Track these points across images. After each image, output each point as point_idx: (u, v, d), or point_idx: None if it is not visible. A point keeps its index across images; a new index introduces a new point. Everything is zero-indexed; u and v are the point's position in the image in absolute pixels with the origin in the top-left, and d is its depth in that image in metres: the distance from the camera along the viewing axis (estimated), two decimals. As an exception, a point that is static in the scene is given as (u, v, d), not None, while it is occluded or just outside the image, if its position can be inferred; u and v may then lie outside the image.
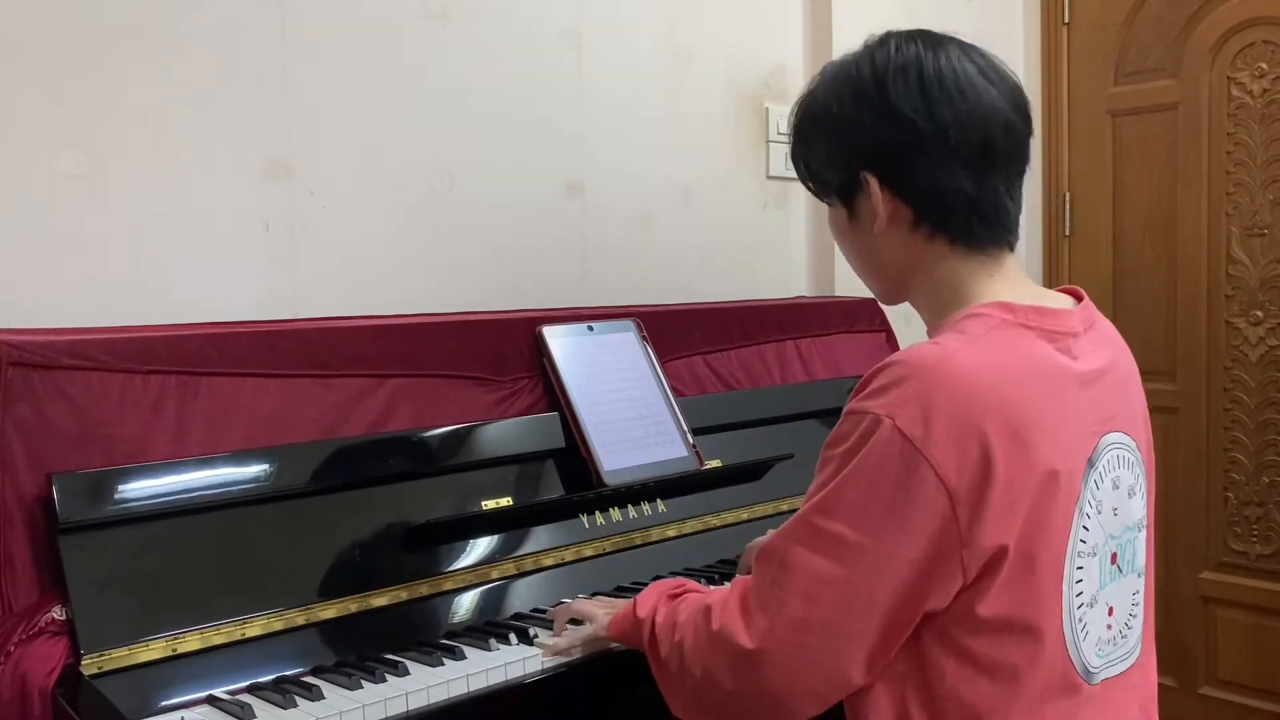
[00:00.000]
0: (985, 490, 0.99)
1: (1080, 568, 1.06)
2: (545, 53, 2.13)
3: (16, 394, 1.32)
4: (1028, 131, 1.15)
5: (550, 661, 1.36)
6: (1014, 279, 1.15)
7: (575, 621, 1.41)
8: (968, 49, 1.14)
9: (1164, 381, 2.93)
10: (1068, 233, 3.10)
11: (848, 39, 2.57)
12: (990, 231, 1.13)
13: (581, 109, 2.19)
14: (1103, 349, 1.14)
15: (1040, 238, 3.15)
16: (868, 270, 1.22)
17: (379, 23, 1.90)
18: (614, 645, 1.35)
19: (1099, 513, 1.08)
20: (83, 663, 1.23)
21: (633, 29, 2.28)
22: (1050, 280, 3.13)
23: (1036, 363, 1.06)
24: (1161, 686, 2.88)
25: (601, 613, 1.36)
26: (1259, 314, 2.76)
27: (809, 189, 1.23)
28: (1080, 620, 1.07)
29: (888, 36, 1.15)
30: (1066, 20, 3.07)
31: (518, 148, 2.09)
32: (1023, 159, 1.15)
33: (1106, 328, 1.20)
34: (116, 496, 1.33)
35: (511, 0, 2.07)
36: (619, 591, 1.61)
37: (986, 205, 1.11)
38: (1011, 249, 1.16)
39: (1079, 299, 1.18)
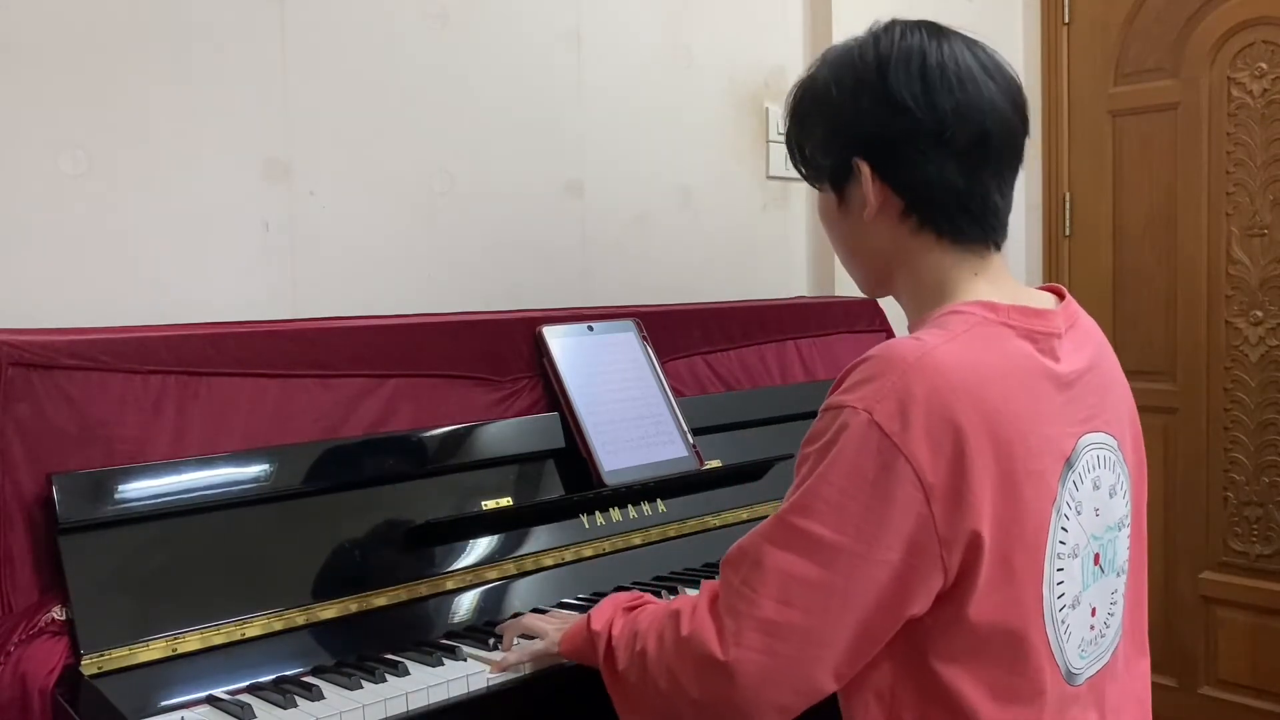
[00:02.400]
0: (960, 486, 0.98)
1: (1061, 569, 1.05)
2: (545, 53, 2.13)
3: (16, 394, 1.32)
4: (1024, 131, 1.14)
5: (549, 662, 1.36)
6: (998, 278, 1.14)
7: (526, 637, 1.37)
8: (971, 43, 1.12)
9: (1164, 381, 2.93)
10: (1068, 233, 3.10)
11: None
12: (978, 229, 1.12)
13: (581, 109, 2.19)
14: (1084, 349, 1.13)
15: (1040, 238, 3.15)
16: (854, 259, 1.21)
17: (379, 23, 1.90)
18: (565, 662, 1.31)
19: (1079, 514, 1.07)
20: (83, 663, 1.23)
21: (633, 29, 2.28)
22: (1050, 280, 3.13)
23: (1017, 362, 1.05)
24: (1161, 686, 2.90)
25: (552, 628, 1.33)
26: (1259, 314, 2.76)
27: (801, 174, 1.21)
28: (1063, 623, 1.06)
29: (893, 24, 1.13)
30: (1066, 20, 3.07)
31: (518, 148, 2.09)
32: (1016, 157, 1.14)
33: (1088, 325, 1.18)
34: (116, 496, 1.33)
35: (511, 1, 2.07)
36: (619, 591, 1.61)
37: (976, 202, 1.10)
38: (998, 248, 1.14)
39: (1061, 297, 1.18)
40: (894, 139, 1.09)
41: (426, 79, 1.96)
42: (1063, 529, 1.05)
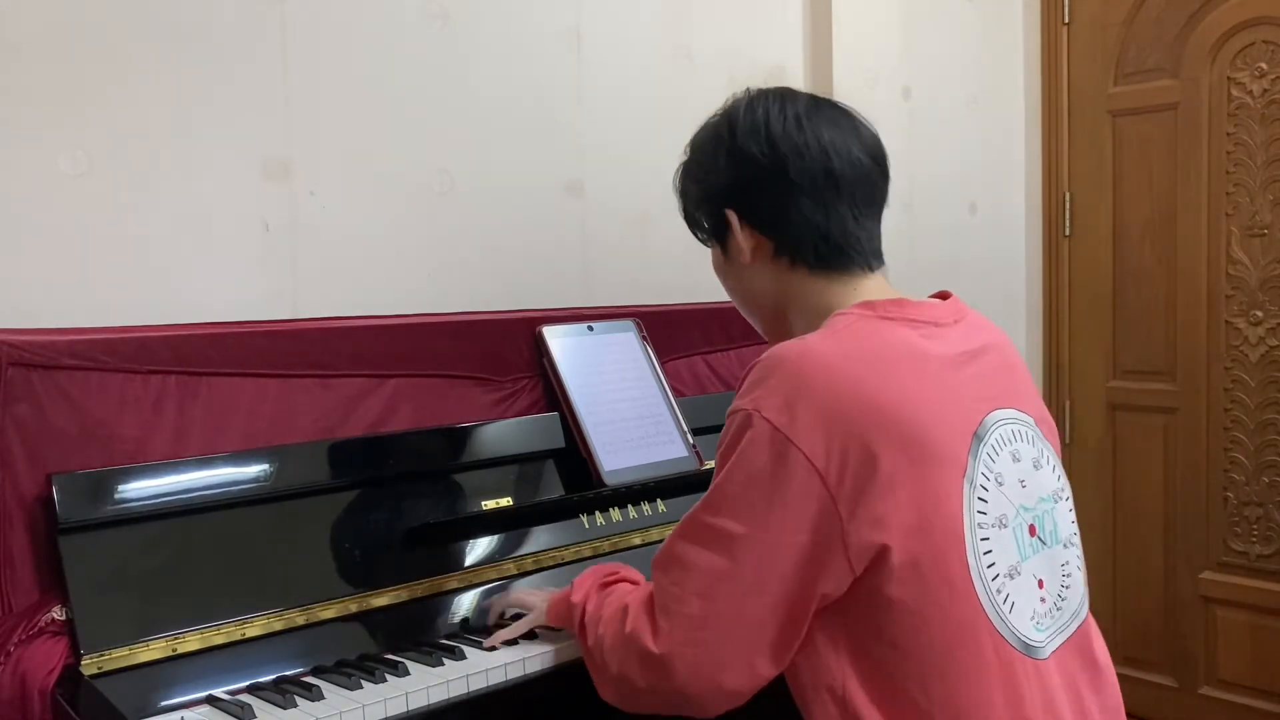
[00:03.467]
0: (854, 468, 1.04)
1: (986, 539, 1.09)
2: (545, 53, 2.13)
3: (16, 394, 1.32)
4: (879, 173, 1.24)
5: (551, 661, 1.36)
6: (879, 290, 1.23)
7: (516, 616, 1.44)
8: (823, 101, 1.25)
9: (1164, 381, 2.93)
10: (1068, 233, 3.10)
11: (848, 39, 2.59)
12: (843, 257, 1.22)
13: (581, 109, 2.19)
14: (975, 336, 1.20)
15: (1040, 238, 3.15)
16: (748, 306, 1.32)
17: (379, 23, 1.90)
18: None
19: (999, 484, 1.12)
20: (83, 663, 1.23)
21: (633, 29, 2.28)
22: (1050, 281, 3.14)
23: (897, 346, 1.12)
24: (1161, 686, 2.92)
25: (539, 600, 1.41)
26: (1259, 314, 2.76)
27: (696, 237, 1.35)
28: (1000, 592, 1.09)
29: (747, 91, 1.28)
30: (1066, 20, 3.07)
31: (518, 148, 2.09)
32: (872, 191, 1.24)
33: (979, 319, 1.25)
34: (116, 496, 1.33)
35: (511, 0, 2.07)
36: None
37: (834, 233, 1.21)
38: (873, 270, 1.24)
39: (946, 298, 1.25)
40: (749, 186, 1.23)
41: (426, 79, 1.96)
42: (980, 499, 1.10)
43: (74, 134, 1.59)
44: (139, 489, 1.35)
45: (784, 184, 1.20)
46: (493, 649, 1.38)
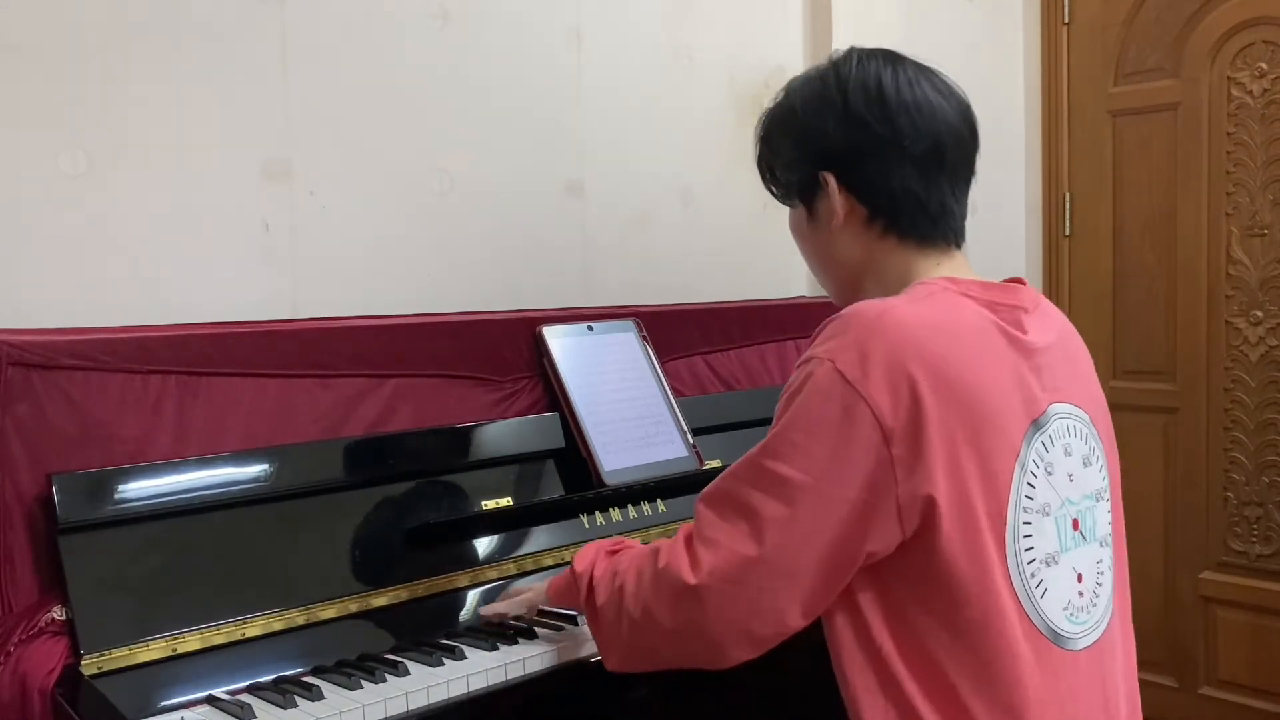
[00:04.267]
0: (917, 429, 1.05)
1: (1028, 523, 1.10)
2: (545, 53, 2.13)
3: (16, 394, 1.32)
4: (974, 145, 1.25)
5: (551, 661, 1.36)
6: (960, 268, 1.23)
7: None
8: (923, 68, 1.24)
9: (1164, 381, 2.93)
10: (1068, 233, 3.10)
11: (848, 39, 2.57)
12: (936, 229, 1.22)
13: (581, 109, 2.19)
14: (1049, 326, 1.21)
15: (1040, 238, 3.15)
16: (825, 269, 1.31)
17: (379, 23, 1.90)
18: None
19: (1049, 474, 1.13)
20: (83, 663, 1.24)
21: (633, 29, 2.28)
22: (1050, 281, 3.13)
23: (974, 324, 1.13)
24: (1161, 686, 2.91)
25: (540, 583, 1.43)
26: (1259, 314, 2.76)
27: (772, 193, 1.32)
28: (1034, 577, 1.10)
29: (851, 52, 1.24)
30: (1066, 20, 3.07)
31: (518, 148, 2.09)
32: (969, 169, 1.25)
33: (1051, 309, 1.26)
34: (116, 496, 1.33)
35: (511, 0, 2.07)
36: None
37: (934, 205, 1.21)
38: (958, 247, 1.25)
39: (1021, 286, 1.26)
40: (857, 152, 1.20)
41: (426, 79, 1.96)
42: (1029, 484, 1.11)
43: (74, 134, 1.59)
44: (139, 489, 1.35)
45: (894, 153, 1.18)
46: (488, 622, 1.43)
